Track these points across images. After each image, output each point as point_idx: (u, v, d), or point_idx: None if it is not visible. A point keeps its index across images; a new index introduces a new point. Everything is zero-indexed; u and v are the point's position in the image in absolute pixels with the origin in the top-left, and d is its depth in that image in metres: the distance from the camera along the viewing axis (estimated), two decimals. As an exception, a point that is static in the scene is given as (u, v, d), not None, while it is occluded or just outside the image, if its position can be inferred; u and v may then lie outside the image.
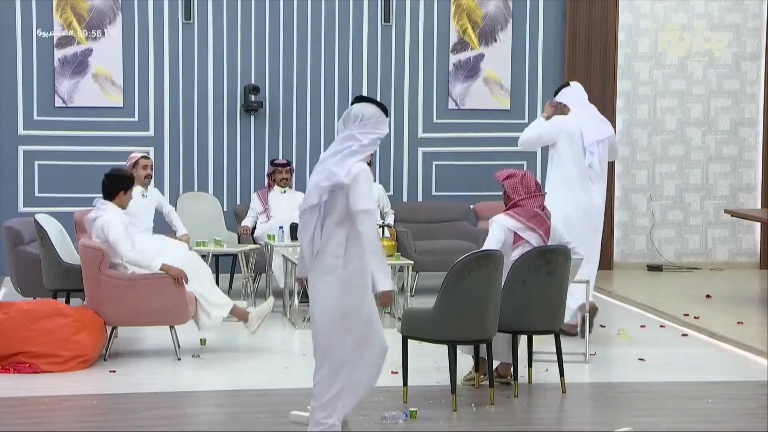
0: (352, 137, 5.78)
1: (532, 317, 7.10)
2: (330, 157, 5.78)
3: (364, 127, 5.80)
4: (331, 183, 5.69)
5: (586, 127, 9.16)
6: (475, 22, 12.65)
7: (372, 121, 5.82)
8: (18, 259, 9.33)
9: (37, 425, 6.45)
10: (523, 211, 7.23)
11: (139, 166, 9.84)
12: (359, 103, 5.91)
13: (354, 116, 5.83)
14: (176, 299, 8.06)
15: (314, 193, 5.76)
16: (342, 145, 5.79)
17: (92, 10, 12.02)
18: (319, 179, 5.76)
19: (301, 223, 5.85)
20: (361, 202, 5.68)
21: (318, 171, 5.80)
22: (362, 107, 5.85)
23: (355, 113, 5.84)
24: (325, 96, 12.47)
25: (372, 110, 5.85)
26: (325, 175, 5.73)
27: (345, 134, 5.83)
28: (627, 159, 13.21)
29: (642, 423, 6.47)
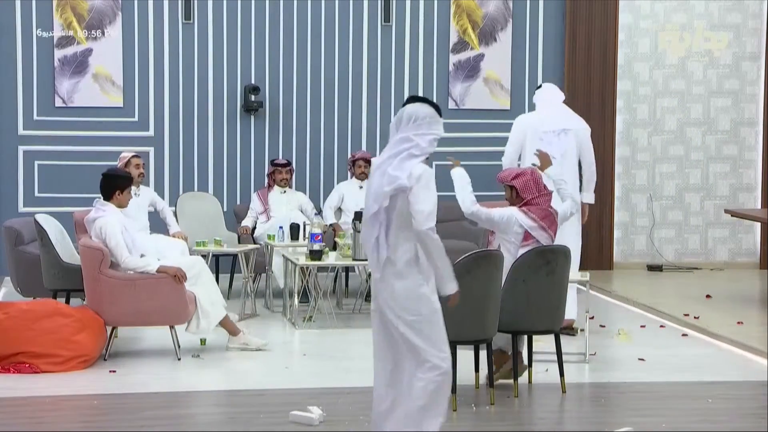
0: (408, 139, 5.55)
1: (532, 317, 7.09)
2: (386, 162, 5.56)
3: (419, 128, 5.57)
4: (393, 187, 5.49)
5: (547, 117, 9.17)
6: (475, 22, 12.66)
7: (427, 122, 5.59)
8: (18, 259, 9.33)
9: (37, 425, 6.45)
10: (537, 210, 7.26)
11: (131, 165, 9.92)
12: (412, 103, 5.66)
13: (407, 117, 5.59)
14: (176, 299, 8.06)
15: (376, 200, 5.56)
16: (398, 148, 5.57)
17: (92, 10, 12.02)
18: (379, 185, 5.54)
19: (364, 230, 5.66)
20: (422, 202, 5.54)
21: (377, 176, 5.59)
22: (416, 107, 5.61)
23: (408, 114, 5.59)
24: (325, 96, 12.48)
25: (426, 110, 5.61)
26: (387, 180, 5.51)
27: (399, 137, 5.58)
28: (627, 159, 13.21)
29: (642, 423, 6.47)
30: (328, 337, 9.07)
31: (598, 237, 12.83)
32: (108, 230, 8.05)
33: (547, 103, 9.35)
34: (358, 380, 7.50)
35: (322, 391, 7.18)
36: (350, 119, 12.54)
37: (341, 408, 6.72)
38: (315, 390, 7.20)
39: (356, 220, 9.35)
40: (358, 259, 9.41)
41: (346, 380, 7.52)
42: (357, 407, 6.73)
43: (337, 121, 12.52)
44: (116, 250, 8.03)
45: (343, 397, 6.99)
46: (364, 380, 7.47)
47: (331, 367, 8.00)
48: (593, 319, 9.26)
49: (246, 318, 9.83)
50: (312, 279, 9.54)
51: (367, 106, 12.56)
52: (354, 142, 12.52)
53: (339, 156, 12.47)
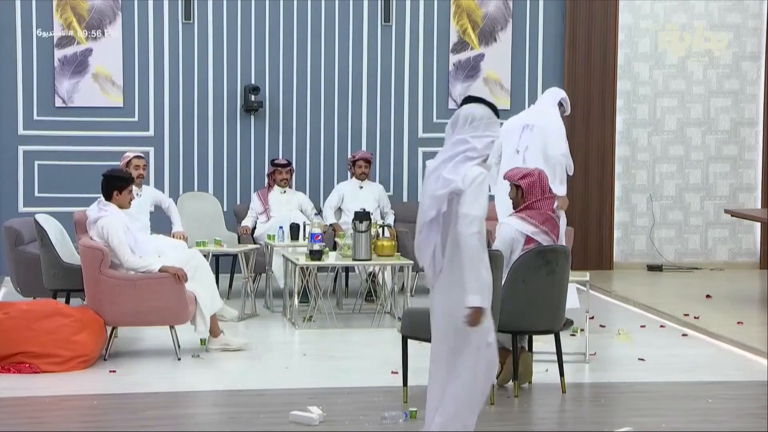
0: (464, 141, 5.40)
1: (532, 317, 7.09)
2: (442, 165, 5.40)
3: (475, 129, 5.41)
4: (449, 190, 5.34)
5: (517, 115, 9.39)
6: (475, 22, 12.66)
7: (484, 123, 5.43)
8: (18, 259, 9.33)
9: (37, 425, 6.45)
10: (536, 214, 7.21)
11: (132, 166, 9.94)
12: (468, 103, 5.52)
13: (464, 118, 5.43)
14: (176, 299, 8.07)
15: (432, 205, 5.40)
16: (453, 151, 5.40)
17: (92, 10, 12.02)
18: (434, 189, 5.39)
19: (420, 238, 5.49)
20: (469, 206, 5.33)
21: (431, 180, 5.44)
22: (472, 108, 5.47)
23: (464, 115, 5.44)
24: (325, 96, 12.48)
25: (482, 111, 5.46)
26: (441, 184, 5.37)
27: (455, 139, 5.43)
28: (627, 159, 13.21)
29: (642, 423, 6.47)
30: (328, 337, 9.07)
31: (598, 237, 12.84)
32: (110, 230, 8.05)
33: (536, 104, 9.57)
34: (358, 380, 7.51)
35: (322, 391, 7.18)
36: (350, 119, 12.54)
37: (341, 408, 6.72)
38: (315, 390, 7.20)
39: (356, 220, 9.35)
40: (358, 259, 9.41)
41: (346, 380, 7.52)
42: (357, 407, 6.73)
43: (337, 121, 12.52)
44: (119, 249, 8.03)
45: (343, 397, 6.99)
46: (364, 380, 7.49)
47: (331, 367, 8.00)
48: (593, 319, 9.25)
49: (246, 318, 9.84)
50: (312, 279, 9.54)
51: (367, 106, 12.56)
52: (354, 142, 12.52)
53: (339, 156, 12.47)
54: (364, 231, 9.31)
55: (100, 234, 8.09)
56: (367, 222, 9.32)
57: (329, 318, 9.60)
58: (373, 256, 9.45)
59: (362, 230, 9.31)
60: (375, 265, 9.74)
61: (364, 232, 9.31)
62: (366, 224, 9.31)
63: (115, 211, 8.21)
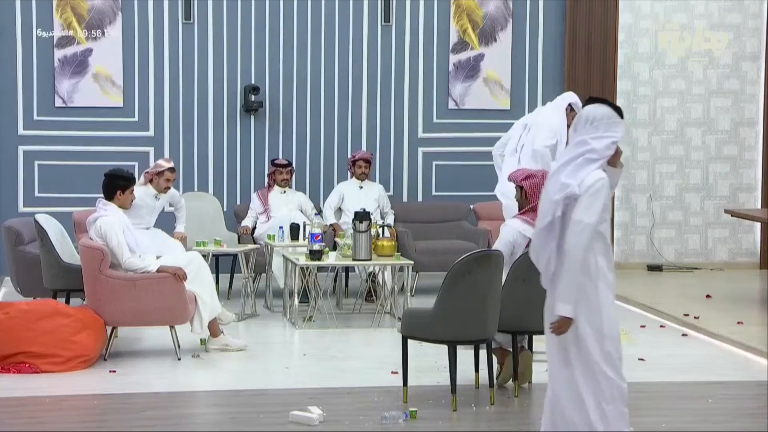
0: (584, 143, 5.29)
1: (532, 317, 7.08)
2: (561, 168, 5.29)
3: (596, 130, 5.29)
4: (564, 195, 5.20)
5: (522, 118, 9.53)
6: (475, 22, 12.66)
7: (604, 123, 5.30)
8: (18, 259, 9.33)
9: (37, 425, 6.46)
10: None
11: (162, 178, 9.65)
12: (590, 104, 5.40)
13: (585, 119, 5.31)
14: (176, 299, 8.07)
15: (548, 210, 5.27)
16: (574, 153, 5.29)
17: (92, 10, 12.02)
18: (551, 192, 5.28)
19: (537, 242, 5.37)
20: (583, 212, 5.20)
21: (551, 183, 5.33)
22: (593, 108, 5.35)
23: (585, 116, 5.32)
24: (325, 96, 12.47)
25: (603, 111, 5.34)
26: (558, 187, 5.24)
27: (577, 140, 5.32)
28: (627, 159, 13.20)
29: (642, 423, 6.46)
30: (328, 337, 9.07)
31: (598, 237, 12.82)
32: (109, 230, 8.05)
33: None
34: (358, 380, 7.51)
35: (322, 391, 7.18)
36: (350, 119, 12.54)
37: (341, 408, 6.72)
38: (315, 390, 7.20)
39: (356, 220, 9.35)
40: (358, 259, 9.41)
41: (346, 380, 7.52)
42: (357, 407, 6.73)
43: (337, 121, 12.52)
44: (117, 249, 8.03)
45: (343, 397, 6.99)
46: (364, 380, 7.49)
47: (331, 367, 8.00)
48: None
49: (246, 318, 9.84)
50: (312, 279, 9.54)
51: (367, 106, 12.56)
52: (354, 142, 12.52)
53: (339, 156, 12.47)
54: (364, 231, 9.31)
55: (98, 233, 8.09)
56: (367, 222, 9.32)
57: (329, 318, 9.60)
58: (373, 256, 9.45)
59: (362, 230, 9.31)
60: (375, 265, 9.74)
61: (364, 232, 9.31)
62: (366, 224, 9.31)
63: (115, 211, 8.21)
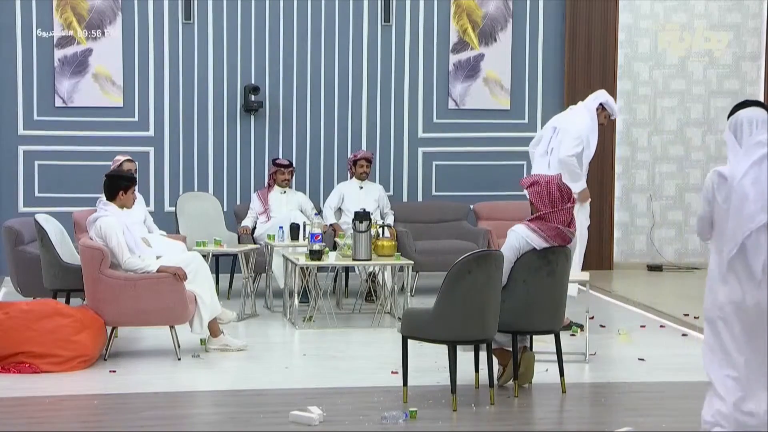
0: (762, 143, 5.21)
1: (532, 317, 7.09)
2: (753, 168, 5.15)
3: (763, 129, 5.23)
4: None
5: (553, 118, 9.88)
6: (475, 22, 12.66)
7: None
8: (18, 259, 9.33)
9: (37, 425, 6.45)
10: (545, 227, 7.03)
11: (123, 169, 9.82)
12: (745, 108, 5.32)
13: (748, 122, 5.25)
14: (176, 299, 8.06)
15: (761, 209, 5.10)
16: (760, 152, 5.17)
17: (92, 10, 12.03)
18: (760, 192, 5.12)
19: (751, 243, 5.18)
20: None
21: (748, 184, 5.15)
22: (752, 112, 5.28)
23: (747, 119, 5.27)
24: (325, 96, 12.48)
25: (761, 113, 5.29)
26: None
27: (755, 141, 5.19)
28: (627, 159, 13.21)
29: (642, 423, 6.46)
30: (328, 337, 9.07)
31: (598, 237, 12.82)
32: (109, 231, 8.05)
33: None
34: (358, 380, 7.51)
35: (322, 391, 7.18)
36: (350, 119, 12.55)
37: (341, 408, 6.72)
38: (315, 390, 7.20)
39: (356, 220, 9.35)
40: (358, 259, 9.41)
41: (346, 380, 7.52)
42: (357, 407, 6.73)
43: (337, 121, 12.52)
44: (117, 250, 8.04)
45: (343, 397, 6.99)
46: (364, 380, 7.49)
47: (331, 367, 8.00)
48: (593, 319, 9.26)
49: (246, 318, 9.84)
50: (312, 279, 9.54)
51: (367, 106, 12.56)
52: (354, 142, 12.52)
53: (339, 156, 12.47)
54: (364, 231, 9.31)
55: (98, 233, 8.09)
56: (367, 222, 9.32)
57: (329, 318, 9.60)
58: (373, 256, 9.45)
59: (362, 230, 9.31)
60: (375, 265, 9.74)
61: (364, 232, 9.31)
62: (366, 224, 9.31)
63: (115, 211, 8.21)
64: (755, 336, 5.24)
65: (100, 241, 8.08)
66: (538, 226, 7.04)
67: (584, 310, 8.44)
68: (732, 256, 5.23)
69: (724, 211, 5.25)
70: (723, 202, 5.25)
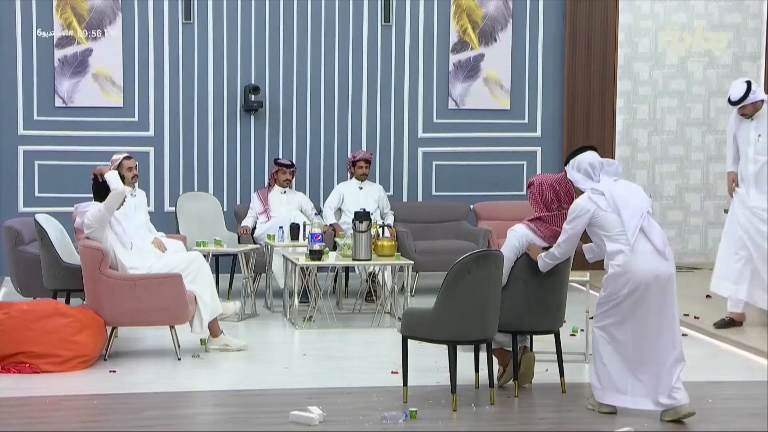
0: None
1: (532, 317, 7.09)
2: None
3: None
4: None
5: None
6: (475, 22, 12.66)
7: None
8: (18, 259, 9.33)
9: (37, 425, 6.45)
10: (544, 227, 7.09)
11: (123, 168, 9.79)
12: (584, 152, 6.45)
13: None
14: (176, 299, 8.07)
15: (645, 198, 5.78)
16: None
17: (92, 10, 12.03)
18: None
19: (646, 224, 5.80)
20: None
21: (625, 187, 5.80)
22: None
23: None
24: (325, 96, 12.48)
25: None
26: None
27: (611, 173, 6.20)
28: (627, 159, 13.21)
29: (642, 423, 6.47)
30: (328, 337, 9.07)
31: (598, 237, 12.82)
32: (90, 207, 8.10)
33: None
34: (358, 380, 7.51)
35: (322, 391, 7.18)
36: (350, 119, 12.55)
37: (341, 408, 6.72)
38: (315, 390, 7.20)
39: (356, 220, 9.35)
40: (358, 259, 9.41)
41: (346, 380, 7.52)
42: (357, 407, 6.73)
43: (337, 121, 12.52)
44: (87, 214, 8.04)
45: (343, 397, 6.99)
46: (364, 380, 7.49)
47: (331, 367, 8.00)
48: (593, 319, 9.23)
49: (246, 318, 9.84)
50: (312, 279, 9.54)
51: (367, 106, 12.56)
52: (354, 142, 12.53)
53: (339, 156, 12.47)
54: (364, 231, 9.31)
55: (81, 214, 8.12)
56: (367, 222, 9.32)
57: (329, 318, 9.60)
58: (373, 256, 9.45)
59: (362, 230, 9.31)
60: (375, 265, 9.74)
61: (364, 232, 9.31)
62: (366, 224, 9.31)
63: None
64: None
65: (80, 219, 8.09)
66: (538, 226, 7.07)
67: (584, 309, 8.43)
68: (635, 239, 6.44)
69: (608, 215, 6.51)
70: (605, 208, 6.52)
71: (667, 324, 6.51)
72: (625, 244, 6.49)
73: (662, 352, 6.48)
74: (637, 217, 6.48)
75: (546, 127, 12.76)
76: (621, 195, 6.53)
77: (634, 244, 6.47)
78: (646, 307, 6.48)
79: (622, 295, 6.50)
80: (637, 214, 6.48)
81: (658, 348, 6.49)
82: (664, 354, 6.48)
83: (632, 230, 6.48)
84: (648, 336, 6.49)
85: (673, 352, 6.50)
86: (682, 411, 6.46)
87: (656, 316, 6.48)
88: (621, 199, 6.51)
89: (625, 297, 6.49)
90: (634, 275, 6.45)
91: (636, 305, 6.49)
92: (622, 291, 6.49)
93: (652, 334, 6.49)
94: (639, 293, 6.47)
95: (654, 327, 6.49)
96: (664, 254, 6.55)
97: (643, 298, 6.48)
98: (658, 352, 6.49)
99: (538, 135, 12.76)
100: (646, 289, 6.46)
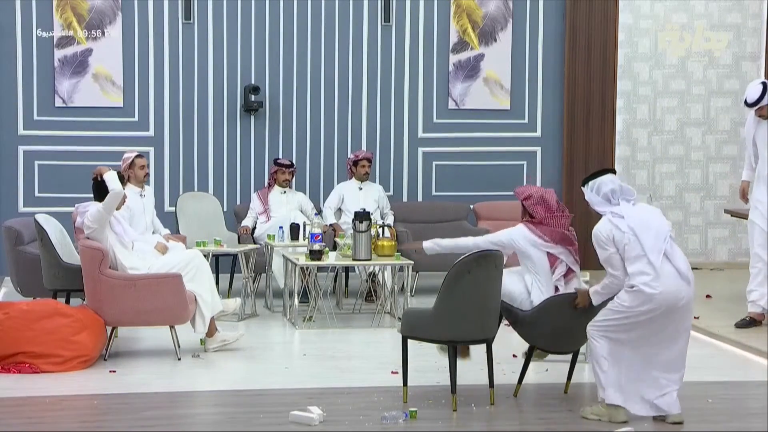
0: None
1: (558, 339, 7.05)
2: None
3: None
4: None
5: None
6: (475, 22, 12.65)
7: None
8: (18, 259, 9.33)
9: (37, 425, 6.46)
10: (548, 231, 7.07)
11: (136, 166, 9.87)
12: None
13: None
14: (176, 299, 8.07)
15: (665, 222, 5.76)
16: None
17: (92, 10, 12.02)
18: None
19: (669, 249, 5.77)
20: None
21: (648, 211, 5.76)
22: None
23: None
24: (325, 96, 12.47)
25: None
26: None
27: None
28: (627, 159, 13.21)
29: (642, 423, 6.47)
30: (328, 337, 9.07)
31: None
32: (90, 207, 8.11)
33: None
34: (358, 380, 7.51)
35: (322, 391, 7.18)
36: (350, 119, 12.54)
37: (341, 408, 6.73)
38: (315, 390, 7.20)
39: (356, 220, 9.35)
40: (358, 259, 9.41)
41: (346, 380, 7.53)
42: (357, 407, 6.73)
43: (337, 121, 12.52)
44: (86, 214, 8.05)
45: (343, 397, 6.99)
46: (364, 380, 7.49)
47: (331, 367, 8.00)
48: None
49: (246, 318, 9.84)
50: (312, 279, 9.54)
51: (367, 106, 12.56)
52: (354, 142, 12.52)
53: (339, 156, 12.47)
54: (364, 231, 9.31)
55: (82, 214, 8.13)
56: (367, 222, 9.32)
57: (329, 318, 9.61)
58: (373, 256, 9.45)
59: (362, 230, 9.31)
60: (375, 265, 9.74)
61: (364, 232, 9.31)
62: (366, 224, 9.31)
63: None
64: None
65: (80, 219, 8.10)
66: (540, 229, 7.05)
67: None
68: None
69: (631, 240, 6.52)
70: (626, 230, 6.58)
71: (680, 346, 6.49)
72: (647, 266, 6.45)
73: (668, 368, 6.47)
74: (660, 240, 6.58)
75: (546, 127, 12.76)
76: (641, 218, 6.61)
77: (658, 267, 6.46)
78: (660, 327, 6.43)
79: (640, 311, 6.39)
80: (660, 237, 6.59)
81: (664, 367, 6.47)
82: (666, 373, 6.47)
83: (656, 253, 6.51)
84: (656, 354, 6.46)
85: (676, 374, 6.48)
86: (671, 419, 6.45)
87: (670, 337, 6.45)
88: (642, 222, 6.58)
89: (641, 314, 6.40)
90: (657, 297, 6.37)
91: (651, 323, 6.41)
92: (640, 308, 6.38)
93: (663, 353, 6.46)
94: (657, 314, 6.39)
95: (664, 347, 6.46)
96: (687, 278, 6.51)
97: (659, 318, 6.41)
98: (662, 370, 6.47)
99: (538, 135, 12.76)
100: (667, 311, 6.39)
